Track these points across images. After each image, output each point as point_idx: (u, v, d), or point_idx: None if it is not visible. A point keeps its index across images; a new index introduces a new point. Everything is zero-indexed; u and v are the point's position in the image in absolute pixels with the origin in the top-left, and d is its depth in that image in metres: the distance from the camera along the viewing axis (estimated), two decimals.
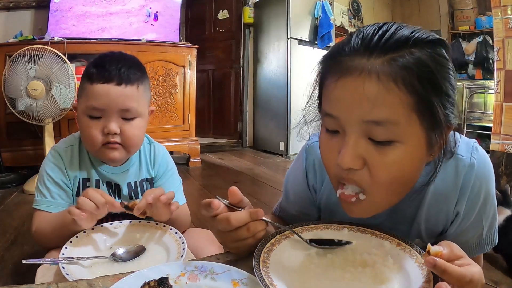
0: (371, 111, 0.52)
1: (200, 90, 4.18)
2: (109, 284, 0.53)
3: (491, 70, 4.77)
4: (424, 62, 0.52)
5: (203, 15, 5.21)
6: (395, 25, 0.54)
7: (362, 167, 0.55)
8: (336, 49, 0.58)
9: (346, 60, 0.54)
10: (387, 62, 0.51)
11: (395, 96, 0.51)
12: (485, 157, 0.66)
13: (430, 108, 0.53)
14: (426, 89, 0.52)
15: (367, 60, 0.52)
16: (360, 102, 0.52)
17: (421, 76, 0.52)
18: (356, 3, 6.18)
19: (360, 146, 0.54)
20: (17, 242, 1.75)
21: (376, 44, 0.52)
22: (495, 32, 2.06)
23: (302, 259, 0.62)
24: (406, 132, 0.53)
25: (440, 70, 0.54)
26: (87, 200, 0.78)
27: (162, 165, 1.10)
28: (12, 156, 2.96)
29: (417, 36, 0.53)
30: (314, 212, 0.83)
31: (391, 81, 0.51)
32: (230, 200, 0.64)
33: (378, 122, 0.52)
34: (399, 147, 0.53)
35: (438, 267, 0.47)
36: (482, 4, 5.27)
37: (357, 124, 0.53)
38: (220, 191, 2.80)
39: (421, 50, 0.53)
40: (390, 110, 0.51)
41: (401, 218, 0.70)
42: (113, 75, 0.91)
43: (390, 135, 0.53)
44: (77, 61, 3.08)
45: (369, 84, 0.51)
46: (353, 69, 0.53)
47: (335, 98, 0.56)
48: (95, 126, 0.92)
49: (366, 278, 0.55)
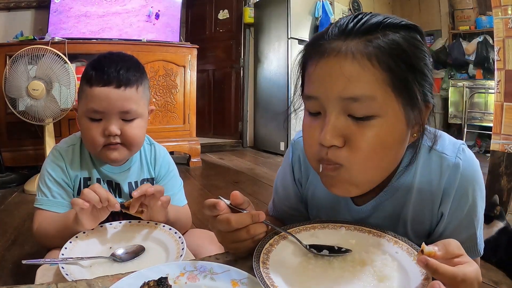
0: (348, 87, 0.55)
1: (201, 90, 4.18)
2: (109, 284, 0.53)
3: (491, 70, 4.77)
4: (396, 42, 0.56)
5: (204, 15, 5.21)
6: (369, 14, 0.58)
7: (343, 144, 0.57)
8: (316, 37, 0.61)
9: (324, 43, 0.58)
10: (361, 42, 0.55)
11: (370, 73, 0.54)
12: (471, 159, 0.66)
13: (405, 84, 0.56)
14: (399, 66, 0.55)
15: (343, 42, 0.56)
16: (337, 80, 0.55)
17: (394, 54, 0.55)
18: (357, 3, 6.17)
19: (341, 123, 0.56)
20: (17, 242, 1.75)
21: (351, 28, 0.56)
22: (495, 32, 2.06)
23: (301, 259, 0.62)
24: (383, 106, 0.56)
25: (413, 50, 0.57)
26: (92, 192, 0.78)
27: (164, 167, 1.10)
28: (13, 156, 2.97)
29: (390, 21, 0.57)
30: (302, 207, 0.84)
31: (365, 59, 0.54)
32: (232, 202, 0.65)
33: (355, 98, 0.55)
34: (378, 121, 0.56)
35: (430, 267, 0.47)
36: (482, 4, 5.27)
37: (336, 102, 0.56)
38: (220, 191, 2.80)
39: (394, 33, 0.56)
40: (366, 86, 0.55)
41: (386, 215, 0.71)
42: (112, 77, 0.92)
43: (368, 110, 0.55)
44: (77, 61, 3.08)
45: (345, 62, 0.55)
46: (331, 50, 0.56)
47: (315, 79, 0.58)
48: (95, 128, 0.93)
49: (365, 276, 0.56)
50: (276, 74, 4.49)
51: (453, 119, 5.43)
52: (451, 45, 5.56)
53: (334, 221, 0.70)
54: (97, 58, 0.97)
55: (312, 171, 0.79)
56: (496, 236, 1.55)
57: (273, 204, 0.90)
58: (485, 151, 4.82)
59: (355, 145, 0.56)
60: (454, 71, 5.61)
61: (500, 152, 2.09)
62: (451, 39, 5.67)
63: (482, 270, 0.52)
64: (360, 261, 0.59)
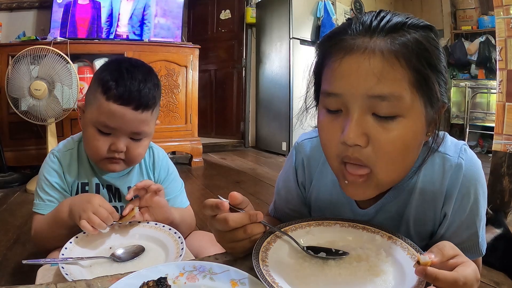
0: (377, 85, 0.53)
1: (202, 90, 4.18)
2: (108, 284, 0.54)
3: (494, 70, 4.75)
4: (420, 41, 0.55)
5: (206, 15, 5.22)
6: (390, 13, 0.58)
7: (367, 144, 0.56)
8: (337, 31, 0.60)
9: (348, 39, 0.56)
10: (388, 40, 0.54)
11: (398, 72, 0.54)
12: (473, 159, 0.65)
13: (427, 84, 0.56)
14: (424, 66, 0.55)
15: (369, 39, 0.55)
16: (366, 77, 0.54)
17: (419, 54, 0.55)
18: (359, 3, 6.16)
19: (365, 122, 0.55)
20: (19, 241, 1.76)
21: (376, 26, 0.56)
22: (497, 32, 2.05)
23: (299, 255, 0.63)
24: (408, 106, 0.55)
25: (434, 50, 0.57)
26: (96, 218, 0.79)
27: (163, 170, 1.10)
28: (15, 155, 2.98)
29: (412, 21, 0.57)
30: (305, 210, 0.84)
31: (393, 57, 0.54)
32: (230, 202, 0.65)
33: (383, 97, 0.54)
34: (402, 122, 0.55)
35: (429, 276, 0.46)
36: (484, 3, 5.25)
37: (362, 100, 0.55)
38: (222, 191, 2.80)
39: (416, 32, 0.56)
40: (394, 84, 0.54)
41: (389, 216, 0.71)
42: (133, 98, 0.89)
43: (394, 109, 0.55)
44: (79, 61, 3.09)
45: (374, 60, 0.54)
46: (357, 47, 0.55)
47: (340, 75, 0.56)
48: (102, 140, 0.91)
49: (361, 272, 0.57)
50: (278, 74, 4.49)
51: (455, 119, 5.41)
52: (453, 45, 5.54)
53: (328, 218, 0.71)
54: (118, 67, 0.92)
55: (316, 174, 0.79)
56: (492, 242, 1.55)
57: (274, 206, 0.90)
58: (487, 151, 4.81)
59: (379, 145, 0.56)
60: (456, 71, 5.60)
61: (502, 152, 2.08)
62: (453, 39, 5.66)
63: (483, 271, 0.52)
64: (356, 256, 0.61)
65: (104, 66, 0.96)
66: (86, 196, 0.86)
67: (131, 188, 1.03)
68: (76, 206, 0.83)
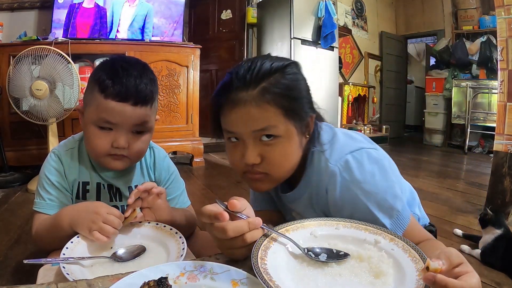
0: (257, 124, 0.75)
1: (204, 90, 4.17)
2: (109, 284, 0.54)
3: (495, 70, 4.75)
4: (282, 82, 0.76)
5: (207, 15, 5.21)
6: (260, 61, 0.77)
7: (261, 161, 0.77)
8: (223, 88, 0.79)
9: (232, 95, 0.76)
10: (260, 91, 0.74)
11: (270, 111, 0.74)
12: (352, 168, 0.77)
13: (294, 111, 0.77)
14: (288, 101, 0.76)
15: (246, 93, 0.75)
16: (248, 121, 0.75)
17: (283, 93, 0.75)
18: (360, 3, 6.16)
19: (256, 147, 0.77)
20: (20, 241, 1.76)
21: (250, 80, 0.75)
22: (499, 32, 2.05)
23: (298, 255, 0.63)
24: (283, 130, 0.76)
25: (295, 84, 0.78)
26: (109, 227, 0.79)
27: (164, 170, 1.10)
28: (16, 155, 2.98)
29: (275, 66, 0.77)
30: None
31: (265, 103, 0.74)
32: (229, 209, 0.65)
33: (263, 129, 0.75)
34: (281, 141, 0.77)
35: (438, 283, 0.47)
36: (485, 3, 5.25)
37: (250, 134, 0.76)
38: (223, 191, 2.80)
39: (280, 74, 0.76)
40: (270, 119, 0.75)
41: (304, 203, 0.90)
42: (130, 94, 0.89)
43: (273, 134, 0.76)
44: (80, 61, 3.10)
45: (251, 109, 0.74)
46: (238, 101, 0.75)
47: (232, 121, 0.77)
48: (104, 137, 0.91)
49: (362, 272, 0.58)
50: None
51: (456, 119, 5.41)
52: (454, 45, 5.54)
53: (329, 219, 0.73)
54: (112, 65, 0.93)
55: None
56: (492, 243, 1.55)
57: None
58: (489, 151, 4.81)
59: (269, 160, 0.77)
60: (457, 71, 5.59)
61: (503, 152, 2.08)
62: (454, 39, 5.66)
63: (484, 271, 0.52)
64: (357, 257, 0.61)
65: (99, 66, 0.96)
66: (90, 206, 0.84)
67: (131, 188, 1.03)
68: (82, 218, 0.81)
